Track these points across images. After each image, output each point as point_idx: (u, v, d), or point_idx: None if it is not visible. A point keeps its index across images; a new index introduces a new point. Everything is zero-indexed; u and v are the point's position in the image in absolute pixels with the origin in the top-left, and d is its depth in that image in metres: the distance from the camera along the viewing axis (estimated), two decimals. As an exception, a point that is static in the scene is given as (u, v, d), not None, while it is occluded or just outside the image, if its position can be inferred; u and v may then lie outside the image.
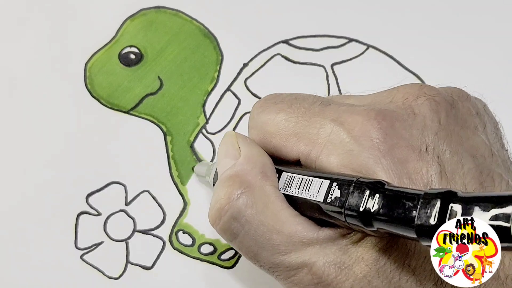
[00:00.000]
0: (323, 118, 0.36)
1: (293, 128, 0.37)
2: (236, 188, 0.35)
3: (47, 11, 0.52)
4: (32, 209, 0.46)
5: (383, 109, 0.35)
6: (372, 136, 0.34)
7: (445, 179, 0.33)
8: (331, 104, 0.37)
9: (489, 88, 0.49)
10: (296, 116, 0.37)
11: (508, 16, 0.52)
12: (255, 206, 0.35)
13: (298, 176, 0.36)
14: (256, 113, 0.39)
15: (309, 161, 0.36)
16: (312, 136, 0.36)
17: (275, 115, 0.37)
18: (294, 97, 0.38)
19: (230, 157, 0.37)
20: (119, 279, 0.45)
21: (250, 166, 0.36)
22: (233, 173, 0.36)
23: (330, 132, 0.35)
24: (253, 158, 0.37)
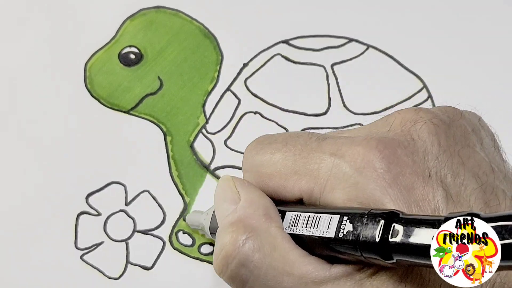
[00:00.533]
0: (322, 153, 0.35)
1: (291, 166, 0.36)
2: (240, 234, 0.34)
3: (47, 11, 0.52)
4: (32, 209, 0.46)
5: (383, 137, 0.35)
6: (375, 166, 0.33)
7: (451, 203, 0.33)
8: (327, 138, 0.36)
9: (489, 88, 0.49)
10: (293, 154, 0.36)
11: (508, 17, 0.52)
12: (263, 250, 0.34)
13: (304, 214, 0.35)
14: (250, 155, 0.38)
15: (313, 199, 0.35)
16: (313, 172, 0.35)
17: (270, 156, 0.37)
18: (287, 136, 0.37)
19: (229, 202, 0.36)
20: (119, 279, 0.45)
21: (252, 209, 0.35)
22: (236, 218, 0.35)
23: (332, 166, 0.34)
24: (254, 201, 0.36)
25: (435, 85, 0.49)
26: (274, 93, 0.49)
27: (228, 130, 0.48)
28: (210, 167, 0.47)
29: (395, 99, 0.49)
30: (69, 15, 0.52)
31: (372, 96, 0.49)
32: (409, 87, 0.49)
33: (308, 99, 0.49)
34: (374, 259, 0.31)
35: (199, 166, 0.48)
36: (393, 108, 0.48)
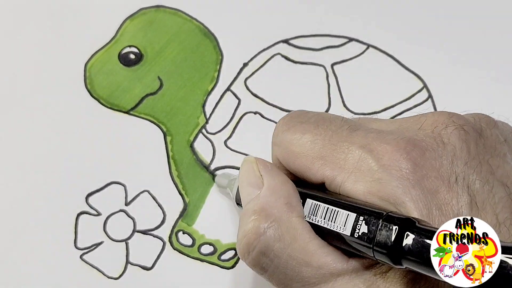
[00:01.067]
0: (351, 143, 0.35)
1: (319, 151, 0.36)
2: (262, 222, 0.35)
3: (47, 11, 0.52)
4: (32, 209, 0.46)
5: (412, 138, 0.35)
6: (401, 166, 0.34)
7: (475, 210, 0.33)
8: (359, 129, 0.36)
9: (489, 88, 0.49)
10: (322, 138, 0.36)
11: (508, 16, 0.52)
12: (283, 239, 0.35)
13: (323, 206, 0.35)
14: (281, 130, 0.38)
15: (334, 186, 0.36)
16: (339, 161, 0.35)
17: (301, 135, 0.37)
18: (320, 118, 0.38)
19: (253, 186, 0.37)
20: (119, 279, 0.45)
21: (275, 198, 0.36)
22: (258, 207, 0.36)
23: (358, 158, 0.35)
24: (277, 188, 0.36)
25: (435, 85, 0.49)
26: (274, 93, 0.49)
27: (228, 130, 0.48)
28: (210, 167, 0.47)
29: (395, 99, 0.49)
30: (69, 16, 0.52)
31: (372, 96, 0.49)
32: (409, 87, 0.49)
33: (308, 99, 0.49)
34: (386, 262, 0.32)
35: (199, 166, 0.48)
36: (393, 108, 0.48)
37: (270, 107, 0.49)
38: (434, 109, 0.48)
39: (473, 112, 0.38)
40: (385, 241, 0.31)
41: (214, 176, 0.47)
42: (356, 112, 0.48)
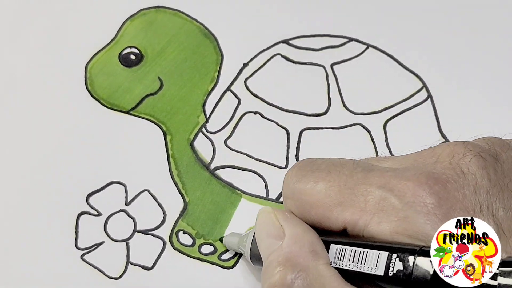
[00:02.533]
0: (369, 185, 0.35)
1: (335, 197, 0.36)
2: (289, 273, 0.34)
3: (47, 12, 0.52)
4: (32, 209, 0.47)
5: (431, 172, 0.34)
6: (426, 202, 0.33)
7: (503, 238, 0.33)
8: (373, 169, 0.36)
9: (489, 88, 0.49)
10: (338, 184, 0.36)
11: (508, 16, 0.52)
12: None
13: (349, 249, 0.34)
14: (292, 182, 0.38)
15: (357, 230, 0.35)
16: (359, 204, 0.35)
17: (314, 184, 0.36)
18: (331, 163, 0.37)
19: (273, 237, 0.36)
20: (120, 279, 0.45)
21: (299, 246, 0.35)
22: (283, 257, 0.35)
23: (379, 199, 0.34)
24: (300, 237, 0.35)
25: (434, 85, 0.49)
26: (274, 93, 0.49)
27: (228, 129, 0.48)
28: (210, 167, 0.48)
29: (395, 99, 0.49)
30: (69, 16, 0.52)
31: (371, 96, 0.49)
32: (408, 87, 0.49)
33: (308, 99, 0.49)
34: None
35: (199, 165, 0.48)
36: (392, 108, 0.48)
37: (270, 107, 0.49)
38: (433, 109, 0.48)
39: (485, 137, 0.38)
40: (424, 275, 0.31)
41: (220, 239, 0.46)
42: (356, 112, 0.48)
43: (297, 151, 0.47)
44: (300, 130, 0.48)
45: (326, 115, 0.48)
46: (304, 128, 0.48)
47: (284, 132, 0.48)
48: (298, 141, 0.48)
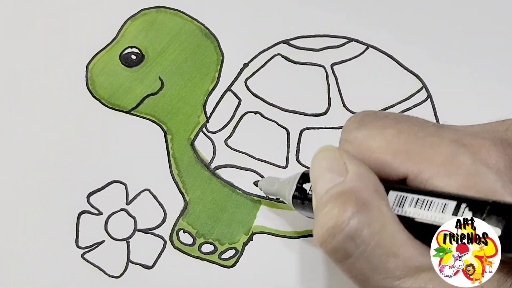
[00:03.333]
0: (441, 138, 0.34)
1: (403, 145, 0.35)
2: (352, 205, 0.33)
3: (48, 12, 0.52)
4: (33, 208, 0.47)
5: (505, 138, 0.34)
6: (498, 161, 0.33)
7: None
8: (446, 126, 0.35)
9: (489, 88, 0.50)
10: (407, 133, 0.35)
11: (508, 16, 0.52)
12: (372, 226, 0.33)
13: (411, 196, 0.33)
14: (354, 127, 0.37)
15: (419, 181, 0.34)
16: (426, 155, 0.34)
17: (381, 130, 0.36)
18: (399, 115, 0.37)
19: (335, 173, 0.35)
20: (120, 278, 0.45)
21: (363, 184, 0.34)
22: (346, 189, 0.34)
23: (450, 153, 0.34)
24: (364, 175, 0.34)
25: (434, 85, 0.49)
26: (274, 93, 0.49)
27: (229, 129, 0.48)
28: (210, 166, 0.48)
29: (395, 99, 0.49)
30: (70, 17, 0.52)
31: (371, 96, 0.49)
32: (408, 87, 0.49)
33: (308, 99, 0.49)
34: None
35: (199, 165, 0.48)
36: (392, 108, 0.48)
37: (270, 107, 0.49)
38: (433, 109, 0.48)
39: None
40: (496, 228, 0.30)
41: (254, 183, 0.46)
42: (356, 112, 0.48)
43: (297, 151, 0.48)
44: (300, 130, 0.48)
45: (326, 115, 0.48)
46: (304, 128, 0.48)
47: (284, 132, 0.48)
48: (298, 141, 0.48)
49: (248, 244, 0.46)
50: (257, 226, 0.46)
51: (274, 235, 0.46)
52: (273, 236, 0.46)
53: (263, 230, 0.46)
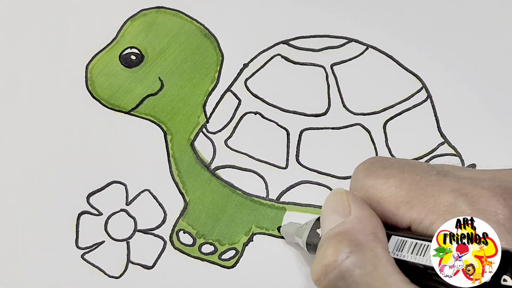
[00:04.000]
0: (442, 188, 0.35)
1: (405, 195, 0.35)
2: (345, 246, 0.34)
3: (48, 12, 0.52)
4: (33, 209, 0.47)
5: (509, 187, 0.34)
6: (497, 212, 0.33)
7: None
8: (449, 175, 0.36)
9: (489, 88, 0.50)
10: (409, 183, 0.35)
11: (508, 17, 0.52)
12: (364, 267, 0.33)
13: (410, 241, 0.34)
14: (362, 176, 0.37)
15: (421, 228, 0.35)
16: (427, 205, 0.34)
17: (385, 180, 0.36)
18: (404, 163, 0.37)
19: (338, 214, 0.36)
20: (120, 278, 0.45)
21: (361, 226, 0.35)
22: (343, 230, 0.35)
23: (450, 202, 0.34)
24: (365, 218, 0.35)
25: (434, 86, 0.49)
26: (274, 94, 0.49)
27: (229, 130, 0.48)
28: (210, 167, 0.48)
29: (395, 99, 0.49)
30: (70, 17, 0.52)
31: (371, 96, 0.49)
32: (408, 87, 0.49)
33: (308, 99, 0.49)
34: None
35: (199, 165, 0.48)
36: (392, 108, 0.49)
37: (270, 108, 0.49)
38: (433, 110, 0.49)
39: None
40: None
41: (278, 228, 0.46)
42: (356, 112, 0.48)
43: (297, 151, 0.48)
44: (300, 130, 0.48)
45: (326, 115, 0.48)
46: (304, 128, 0.48)
47: (284, 132, 0.48)
48: (298, 141, 0.48)
49: (248, 245, 0.46)
50: (257, 226, 0.46)
51: (274, 236, 0.46)
52: (273, 236, 0.46)
53: (263, 230, 0.46)
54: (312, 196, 0.47)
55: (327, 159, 0.47)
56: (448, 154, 0.48)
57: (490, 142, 0.48)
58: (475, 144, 0.48)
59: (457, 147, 0.48)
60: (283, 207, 0.47)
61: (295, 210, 0.47)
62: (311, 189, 0.47)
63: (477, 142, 0.48)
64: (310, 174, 0.47)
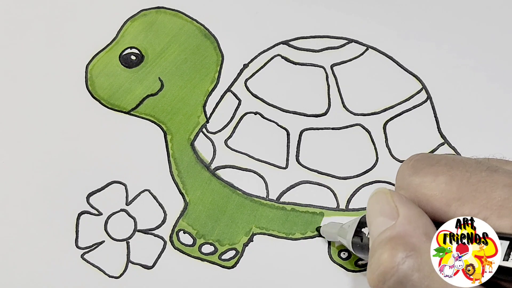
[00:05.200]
0: (494, 183, 0.34)
1: (456, 192, 0.35)
2: (400, 251, 0.33)
3: (48, 12, 0.52)
4: (33, 209, 0.47)
5: None
6: None
7: None
8: (499, 170, 0.35)
9: (488, 88, 0.50)
10: (459, 180, 0.35)
11: (508, 17, 0.52)
12: (422, 270, 0.33)
13: None
14: (408, 174, 0.37)
15: None
16: (480, 201, 0.34)
17: (433, 178, 0.36)
18: (452, 159, 0.37)
19: (386, 216, 0.35)
20: (120, 278, 0.45)
21: (413, 227, 0.34)
22: (395, 234, 0.34)
23: (504, 197, 0.34)
24: (415, 218, 0.35)
25: (434, 86, 0.49)
26: (274, 94, 0.49)
27: (229, 130, 0.49)
28: (210, 167, 0.48)
29: (394, 100, 0.49)
30: (70, 17, 0.52)
31: (371, 97, 0.49)
32: (408, 88, 0.49)
33: (308, 99, 0.49)
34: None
35: (200, 165, 0.48)
36: (392, 109, 0.49)
37: (270, 108, 0.49)
38: (433, 110, 0.49)
39: None
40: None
41: (316, 229, 0.46)
42: (356, 112, 0.48)
43: (297, 151, 0.48)
44: (300, 130, 0.48)
45: (326, 116, 0.49)
46: (304, 128, 0.48)
47: (284, 133, 0.48)
48: (298, 141, 0.48)
49: (248, 245, 0.46)
50: (257, 226, 0.46)
51: (274, 236, 0.46)
52: (273, 237, 0.46)
53: (263, 231, 0.46)
54: (312, 196, 0.47)
55: (327, 159, 0.48)
56: (448, 154, 0.48)
57: (490, 142, 0.48)
58: (475, 144, 0.48)
59: (457, 148, 0.48)
60: (283, 207, 0.47)
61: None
62: (311, 189, 0.47)
63: (477, 143, 0.48)
64: (310, 174, 0.47)
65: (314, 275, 0.45)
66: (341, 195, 0.47)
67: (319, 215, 0.46)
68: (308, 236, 0.46)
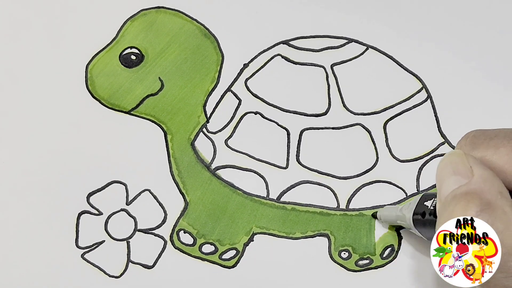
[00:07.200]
0: None
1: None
2: (475, 205, 0.34)
3: (47, 12, 0.52)
4: (33, 208, 0.47)
5: None
6: None
7: None
8: None
9: (488, 88, 0.50)
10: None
11: (508, 17, 0.52)
12: (496, 225, 0.33)
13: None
14: (468, 150, 0.37)
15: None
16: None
17: (494, 150, 0.36)
18: (509, 132, 0.37)
19: (460, 175, 0.36)
20: (120, 278, 0.45)
21: (488, 186, 0.34)
22: (470, 190, 0.34)
23: None
24: (489, 178, 0.35)
25: (434, 86, 0.49)
26: (274, 94, 0.49)
27: (229, 130, 0.49)
28: (210, 166, 0.48)
29: (395, 99, 0.49)
30: (69, 17, 0.52)
31: (371, 96, 0.49)
32: (408, 88, 0.49)
33: (308, 99, 0.49)
34: None
35: (200, 165, 0.48)
36: (392, 108, 0.49)
37: (271, 108, 0.49)
38: (433, 110, 0.49)
39: None
40: None
41: (373, 215, 0.47)
42: (356, 112, 0.48)
43: (297, 151, 0.48)
44: (300, 130, 0.48)
45: (326, 115, 0.48)
46: (304, 128, 0.48)
47: (285, 132, 0.48)
48: (299, 141, 0.48)
49: (248, 245, 0.46)
50: (258, 226, 0.46)
51: (274, 236, 0.46)
52: (273, 236, 0.46)
53: (263, 230, 0.46)
54: (312, 196, 0.47)
55: (328, 159, 0.48)
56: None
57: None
58: (475, 144, 0.48)
59: (457, 147, 0.48)
60: (284, 207, 0.47)
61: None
62: (312, 189, 0.47)
63: (477, 142, 0.48)
64: (310, 174, 0.47)
65: (314, 275, 0.45)
66: (341, 195, 0.47)
67: (319, 215, 0.47)
68: (309, 235, 0.46)
